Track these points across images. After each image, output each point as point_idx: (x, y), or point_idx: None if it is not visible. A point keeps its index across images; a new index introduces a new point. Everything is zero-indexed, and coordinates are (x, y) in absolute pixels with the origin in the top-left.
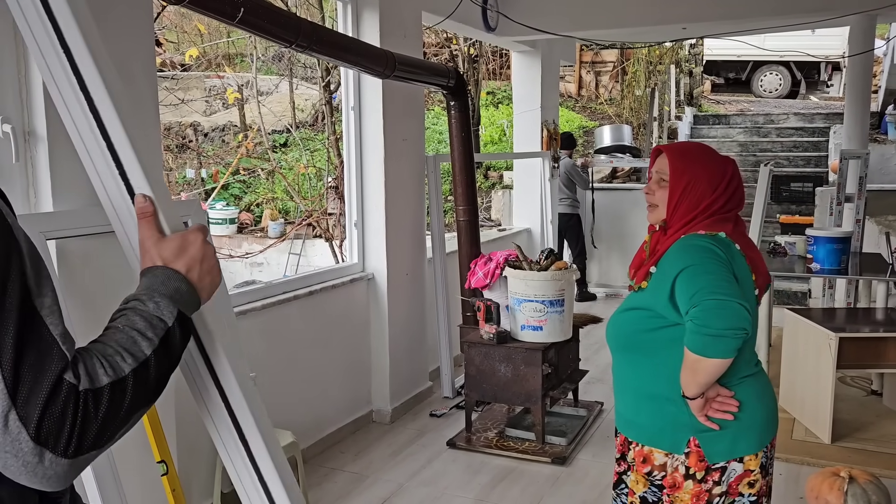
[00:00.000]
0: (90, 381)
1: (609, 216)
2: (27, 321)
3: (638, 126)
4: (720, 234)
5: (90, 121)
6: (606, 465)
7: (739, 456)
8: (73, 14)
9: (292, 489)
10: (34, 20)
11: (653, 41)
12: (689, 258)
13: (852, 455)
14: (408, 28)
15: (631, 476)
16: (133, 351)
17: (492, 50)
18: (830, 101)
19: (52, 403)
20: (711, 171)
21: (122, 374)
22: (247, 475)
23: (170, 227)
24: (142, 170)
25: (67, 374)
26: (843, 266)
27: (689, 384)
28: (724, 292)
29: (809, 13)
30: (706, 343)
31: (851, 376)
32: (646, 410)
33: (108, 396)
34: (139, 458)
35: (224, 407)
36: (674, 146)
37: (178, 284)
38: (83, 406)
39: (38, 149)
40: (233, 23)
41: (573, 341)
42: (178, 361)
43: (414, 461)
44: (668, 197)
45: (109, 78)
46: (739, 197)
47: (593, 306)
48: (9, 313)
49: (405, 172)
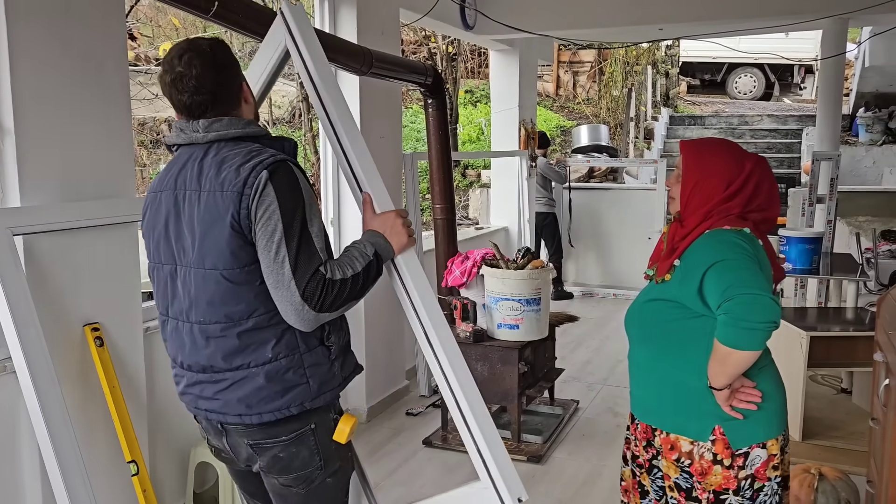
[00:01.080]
0: (332, 274)
1: (586, 215)
2: (304, 236)
3: (615, 126)
4: (745, 229)
5: (336, 147)
6: (581, 463)
7: (762, 441)
8: (320, 72)
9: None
10: (304, 74)
11: (630, 41)
12: (720, 253)
13: (822, 452)
14: (385, 25)
15: (662, 462)
16: (353, 266)
17: (470, 48)
18: (803, 103)
19: (312, 280)
20: (725, 168)
21: (346, 276)
22: (429, 350)
23: (379, 209)
24: (364, 175)
25: (322, 267)
26: (815, 266)
27: (718, 375)
28: (757, 286)
29: (783, 16)
30: (740, 336)
31: (822, 375)
32: (670, 399)
33: (339, 285)
34: (109, 458)
35: (414, 313)
36: (692, 141)
37: (378, 239)
38: (327, 286)
39: (6, 143)
40: (207, 16)
41: (549, 340)
42: (375, 279)
43: (390, 460)
44: (681, 190)
45: (343, 113)
46: (764, 198)
47: (570, 305)
48: (296, 231)
49: (382, 170)
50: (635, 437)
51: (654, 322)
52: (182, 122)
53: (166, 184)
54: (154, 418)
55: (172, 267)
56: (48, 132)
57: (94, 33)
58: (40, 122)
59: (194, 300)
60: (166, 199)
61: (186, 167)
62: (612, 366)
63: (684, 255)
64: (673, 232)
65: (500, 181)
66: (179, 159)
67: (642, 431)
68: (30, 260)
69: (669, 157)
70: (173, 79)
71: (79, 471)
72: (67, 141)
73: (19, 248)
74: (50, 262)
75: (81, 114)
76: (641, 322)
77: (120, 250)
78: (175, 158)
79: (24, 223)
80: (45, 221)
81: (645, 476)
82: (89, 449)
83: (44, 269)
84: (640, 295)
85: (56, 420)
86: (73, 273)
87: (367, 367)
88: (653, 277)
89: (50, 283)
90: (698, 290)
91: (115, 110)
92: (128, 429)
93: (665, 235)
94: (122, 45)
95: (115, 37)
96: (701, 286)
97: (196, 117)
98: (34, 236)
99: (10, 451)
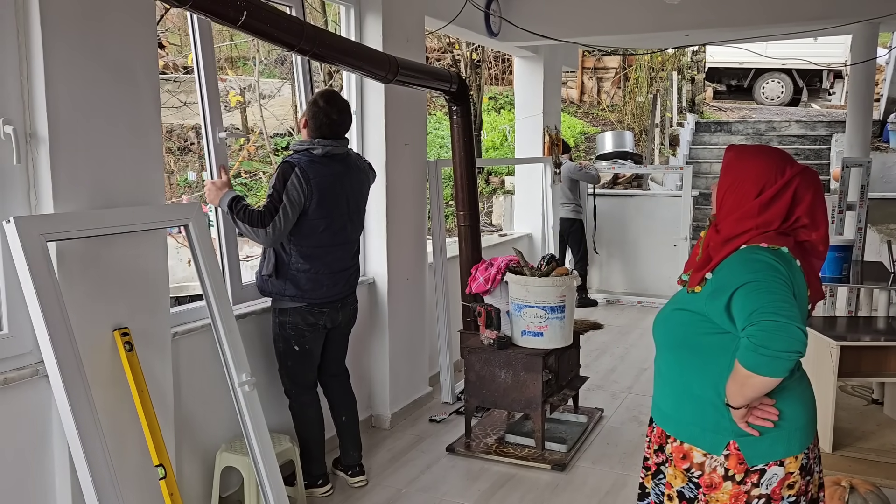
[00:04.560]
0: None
1: (610, 222)
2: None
3: (640, 132)
4: (783, 248)
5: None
6: (606, 472)
7: (779, 459)
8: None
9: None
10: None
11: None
12: (751, 273)
13: (853, 464)
14: (411, 32)
15: (669, 470)
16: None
17: (494, 55)
18: (832, 108)
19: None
20: (761, 172)
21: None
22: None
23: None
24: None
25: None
26: (845, 274)
27: (735, 395)
28: (784, 314)
29: (812, 21)
30: (760, 362)
31: (852, 385)
32: (688, 409)
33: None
34: (137, 461)
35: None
36: (738, 145)
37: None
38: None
39: (40, 151)
40: (235, 26)
41: (573, 347)
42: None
43: (413, 467)
44: (717, 192)
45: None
46: (805, 211)
47: (594, 312)
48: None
49: (407, 177)
50: (650, 438)
51: (680, 331)
52: (334, 141)
53: (336, 172)
54: (180, 423)
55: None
56: (81, 140)
57: (126, 42)
58: (74, 130)
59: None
60: (341, 181)
61: (343, 164)
62: (637, 374)
63: (717, 269)
64: (708, 238)
65: (524, 187)
66: (333, 160)
67: (657, 435)
68: (62, 265)
69: (695, 163)
70: (340, 112)
71: (108, 473)
72: (100, 149)
73: (52, 254)
74: (81, 267)
75: (114, 122)
76: (667, 329)
77: (149, 256)
78: (327, 159)
79: (57, 230)
80: (78, 228)
81: (649, 479)
82: (118, 452)
83: (75, 274)
84: (671, 300)
85: (86, 423)
86: (104, 278)
87: (389, 373)
88: (685, 284)
89: (81, 288)
90: (726, 307)
91: (146, 118)
92: (156, 433)
93: (701, 240)
94: (153, 54)
95: (147, 45)
96: (729, 304)
97: (342, 138)
98: (66, 242)
99: (42, 454)
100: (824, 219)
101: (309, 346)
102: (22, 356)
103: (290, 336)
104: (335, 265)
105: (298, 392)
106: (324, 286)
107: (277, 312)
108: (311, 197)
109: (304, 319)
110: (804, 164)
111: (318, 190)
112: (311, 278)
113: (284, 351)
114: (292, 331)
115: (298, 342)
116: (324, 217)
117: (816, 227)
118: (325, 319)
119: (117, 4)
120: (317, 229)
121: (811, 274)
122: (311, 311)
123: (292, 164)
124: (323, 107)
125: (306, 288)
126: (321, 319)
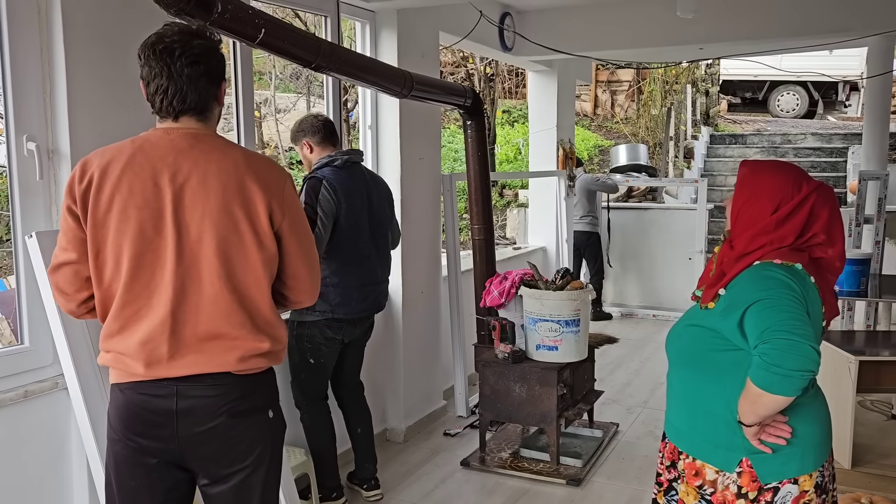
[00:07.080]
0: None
1: (625, 235)
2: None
3: (654, 145)
4: (797, 265)
5: None
6: (621, 487)
7: (793, 477)
8: None
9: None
10: None
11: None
12: (764, 291)
13: (873, 481)
14: (425, 48)
15: (682, 487)
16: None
17: (508, 69)
18: (848, 121)
19: None
20: (778, 188)
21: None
22: None
23: None
24: None
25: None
26: (863, 288)
27: (748, 413)
28: (797, 333)
29: (827, 34)
30: (772, 381)
31: (871, 400)
32: (700, 426)
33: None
34: None
35: None
36: (752, 161)
37: None
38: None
39: (61, 167)
40: (254, 44)
41: (588, 361)
42: None
43: (427, 481)
44: (731, 208)
45: None
46: (821, 228)
47: (608, 326)
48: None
49: (421, 191)
50: (662, 454)
51: (693, 348)
52: (350, 150)
53: (357, 179)
54: None
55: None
56: None
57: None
58: (95, 147)
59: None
60: (366, 186)
61: (363, 172)
62: (652, 388)
63: (730, 285)
64: (722, 254)
65: (538, 201)
66: (353, 167)
67: (669, 451)
68: None
69: (710, 176)
70: (324, 117)
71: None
72: None
73: None
74: None
75: (134, 136)
76: (680, 345)
77: None
78: (348, 167)
79: None
80: None
81: (662, 495)
82: None
83: None
84: (684, 315)
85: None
86: None
87: (404, 387)
88: (699, 300)
89: None
90: (738, 324)
91: None
92: None
93: (715, 256)
94: None
95: None
96: (741, 321)
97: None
98: None
99: (61, 465)
100: (841, 235)
101: (324, 359)
102: (42, 369)
103: (306, 349)
104: (366, 277)
105: (309, 404)
106: (353, 300)
107: (296, 325)
108: (341, 205)
109: (323, 333)
110: (820, 178)
111: (345, 197)
112: (341, 293)
113: (298, 363)
114: (309, 344)
115: (314, 355)
116: (352, 226)
117: (833, 244)
118: (343, 334)
119: (139, 24)
120: (347, 238)
121: (826, 290)
122: (329, 325)
123: (319, 178)
124: (310, 119)
125: (335, 303)
126: (339, 334)
